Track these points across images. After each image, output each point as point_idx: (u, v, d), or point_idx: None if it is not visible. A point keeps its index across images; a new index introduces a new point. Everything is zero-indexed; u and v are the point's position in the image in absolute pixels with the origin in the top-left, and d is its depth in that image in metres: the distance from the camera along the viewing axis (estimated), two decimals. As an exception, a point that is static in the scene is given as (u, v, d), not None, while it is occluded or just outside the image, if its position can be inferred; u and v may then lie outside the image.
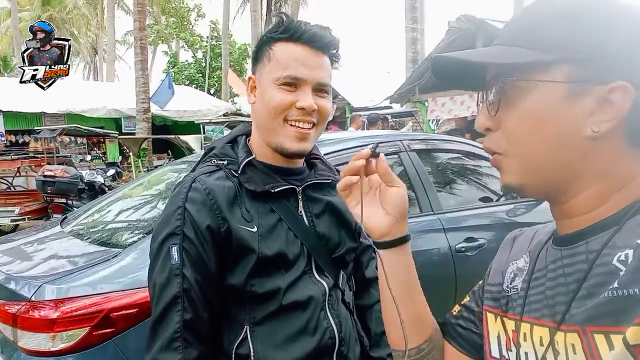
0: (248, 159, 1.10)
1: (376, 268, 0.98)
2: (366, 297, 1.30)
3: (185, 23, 28.98)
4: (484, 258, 2.55)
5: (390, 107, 12.16)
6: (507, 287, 0.73)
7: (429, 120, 9.75)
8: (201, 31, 30.10)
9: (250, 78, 1.14)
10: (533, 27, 0.62)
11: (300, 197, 1.13)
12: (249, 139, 1.17)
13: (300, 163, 1.17)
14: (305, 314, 1.07)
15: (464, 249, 2.59)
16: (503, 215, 2.91)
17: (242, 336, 1.04)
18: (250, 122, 1.19)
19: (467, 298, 0.84)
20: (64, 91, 14.31)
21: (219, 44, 25.69)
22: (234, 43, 27.48)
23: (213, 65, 23.87)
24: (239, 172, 1.08)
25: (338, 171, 1.25)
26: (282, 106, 1.04)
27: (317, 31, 1.06)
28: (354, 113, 9.56)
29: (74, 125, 11.16)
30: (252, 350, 1.04)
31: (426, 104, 9.72)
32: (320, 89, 1.07)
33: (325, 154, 2.46)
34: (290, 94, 1.05)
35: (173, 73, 23.58)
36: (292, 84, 1.05)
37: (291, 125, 1.06)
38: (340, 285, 1.15)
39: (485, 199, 3.08)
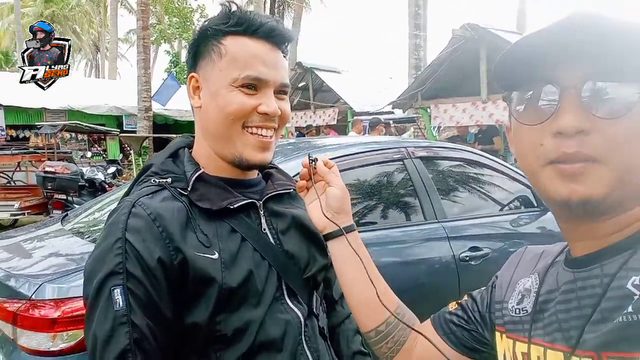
0: (198, 173, 0.93)
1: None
2: (333, 316, 1.16)
3: (189, 23, 28.97)
4: (488, 268, 2.53)
5: (392, 113, 12.16)
6: (514, 307, 0.72)
7: (432, 127, 9.76)
8: (204, 31, 30.05)
9: (192, 76, 0.97)
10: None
11: (262, 212, 0.98)
12: (191, 151, 1.01)
13: (255, 174, 1.03)
14: (281, 355, 0.91)
15: (468, 258, 2.57)
16: (507, 225, 2.89)
17: None
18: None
19: (466, 298, 0.86)
20: (65, 87, 14.31)
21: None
22: (237, 44, 27.44)
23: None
24: (189, 189, 0.91)
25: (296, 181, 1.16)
26: (242, 111, 0.90)
27: (273, 24, 0.93)
28: (355, 117, 9.53)
29: (75, 121, 11.16)
30: None
31: (428, 110, 9.72)
32: (281, 91, 0.95)
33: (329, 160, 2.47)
34: (251, 98, 0.91)
35: (175, 72, 23.57)
36: (253, 85, 0.91)
37: (251, 133, 0.92)
38: (315, 310, 1.01)
39: (489, 208, 3.08)
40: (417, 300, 2.01)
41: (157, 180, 0.93)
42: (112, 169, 9.58)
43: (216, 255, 0.87)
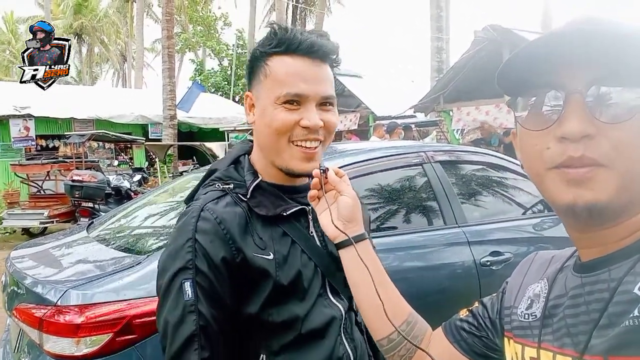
0: (256, 182, 1.04)
1: None
2: None
3: (212, 32, 29.39)
4: (509, 273, 2.49)
5: (415, 117, 12.10)
6: (523, 312, 0.72)
7: (454, 130, 9.67)
8: (227, 39, 30.51)
9: (247, 96, 1.07)
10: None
11: (310, 216, 1.07)
12: (250, 157, 1.11)
13: (305, 180, 1.10)
14: (323, 343, 1.02)
15: (489, 263, 2.54)
16: (530, 229, 2.84)
17: None
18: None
19: (477, 305, 0.87)
20: (93, 98, 14.69)
21: (245, 52, 25.99)
22: (260, 51, 27.72)
23: (238, 73, 24.13)
24: (248, 196, 1.02)
25: None
26: (285, 127, 0.98)
27: (314, 40, 0.99)
28: (377, 122, 9.53)
29: (102, 130, 11.43)
30: None
31: (451, 113, 9.64)
32: (324, 103, 1.01)
33: (348, 165, 2.48)
34: (293, 113, 0.98)
35: (199, 80, 23.90)
36: (294, 101, 0.98)
37: (296, 145, 1.00)
38: (354, 307, 1.10)
39: (511, 212, 3.03)
40: (437, 306, 1.99)
41: (221, 186, 1.04)
42: (137, 177, 9.75)
43: (271, 256, 0.98)
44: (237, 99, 22.22)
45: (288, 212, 1.02)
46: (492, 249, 2.59)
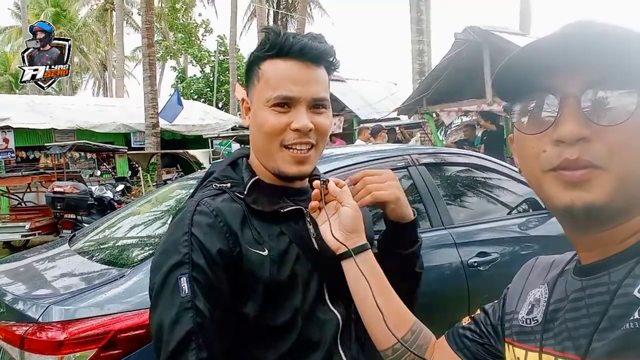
0: (254, 179, 1.04)
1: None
2: None
3: (193, 39, 29.30)
4: (497, 272, 2.51)
5: (398, 119, 12.16)
6: (524, 317, 0.72)
7: (438, 131, 9.76)
8: (209, 46, 30.44)
9: (243, 100, 1.09)
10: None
11: (308, 219, 1.06)
12: (248, 161, 1.12)
13: (304, 183, 1.10)
14: (319, 353, 0.98)
15: (476, 264, 2.54)
16: (516, 228, 2.86)
17: None
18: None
19: (478, 312, 0.87)
20: (73, 107, 14.50)
21: (227, 59, 25.95)
22: (242, 57, 27.74)
23: (221, 80, 24.09)
24: (245, 193, 1.02)
25: None
26: (275, 130, 0.98)
27: (306, 42, 0.98)
28: (361, 125, 9.56)
29: (83, 141, 11.29)
30: None
31: (434, 115, 9.72)
32: (316, 105, 1.00)
33: (334, 170, 2.46)
34: (283, 116, 0.98)
35: (181, 88, 23.80)
36: (285, 104, 0.98)
37: (288, 149, 0.99)
38: (353, 315, 1.06)
39: (497, 212, 3.04)
40: (426, 308, 1.98)
41: (218, 185, 1.04)
42: (120, 187, 9.64)
43: (266, 252, 0.96)
44: (220, 105, 22.15)
45: (285, 210, 1.01)
46: (479, 250, 2.60)
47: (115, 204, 8.13)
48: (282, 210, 1.01)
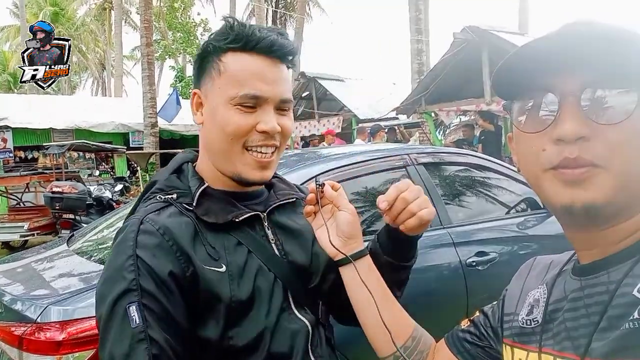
0: (202, 188, 0.94)
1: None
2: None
3: (192, 38, 29.22)
4: (495, 272, 2.51)
5: (397, 119, 12.16)
6: (524, 318, 0.72)
7: (437, 130, 9.76)
8: (208, 45, 30.31)
9: (194, 93, 0.97)
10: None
11: (265, 223, 0.98)
12: (195, 165, 1.02)
13: (259, 186, 1.03)
14: None
15: (474, 263, 2.54)
16: (514, 227, 2.86)
17: None
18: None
19: (478, 314, 0.86)
20: (72, 107, 14.49)
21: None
22: (240, 57, 27.72)
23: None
24: (194, 204, 0.92)
25: (299, 189, 1.15)
26: (241, 131, 0.89)
27: (274, 38, 0.90)
28: (360, 125, 9.56)
29: (82, 140, 11.28)
30: None
31: (432, 114, 9.72)
32: (282, 107, 0.93)
33: (332, 169, 2.47)
34: (249, 116, 0.89)
35: (180, 87, 23.74)
36: (251, 103, 0.89)
37: (251, 152, 0.91)
38: (322, 320, 1.01)
39: (495, 212, 3.05)
40: (425, 308, 1.98)
41: (163, 197, 0.93)
42: (119, 187, 9.65)
43: (223, 269, 0.87)
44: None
45: (240, 219, 0.93)
46: (478, 249, 2.60)
47: (114, 203, 8.13)
48: (237, 220, 0.92)
